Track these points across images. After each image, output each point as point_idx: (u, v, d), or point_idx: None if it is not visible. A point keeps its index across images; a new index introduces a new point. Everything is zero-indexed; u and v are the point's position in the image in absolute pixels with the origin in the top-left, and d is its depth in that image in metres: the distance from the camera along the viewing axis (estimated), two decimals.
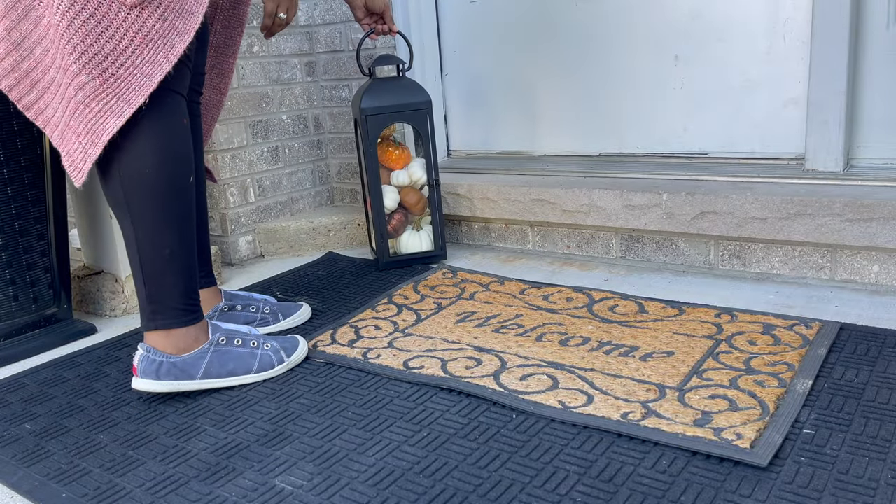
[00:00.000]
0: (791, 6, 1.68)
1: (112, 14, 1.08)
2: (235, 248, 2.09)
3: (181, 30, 1.13)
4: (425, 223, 1.95)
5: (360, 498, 0.95)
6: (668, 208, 1.68)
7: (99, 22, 1.08)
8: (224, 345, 1.29)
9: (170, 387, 1.24)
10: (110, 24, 1.08)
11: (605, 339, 1.34)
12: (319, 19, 2.22)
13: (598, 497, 0.91)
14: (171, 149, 1.19)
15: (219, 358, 1.28)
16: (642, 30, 1.88)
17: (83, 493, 1.02)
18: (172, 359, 1.25)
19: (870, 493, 0.87)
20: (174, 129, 1.21)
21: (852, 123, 1.64)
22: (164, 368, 1.24)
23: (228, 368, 1.29)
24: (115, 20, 1.09)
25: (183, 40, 1.13)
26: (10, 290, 1.53)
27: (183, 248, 1.24)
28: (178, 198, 1.22)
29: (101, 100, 1.11)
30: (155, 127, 1.17)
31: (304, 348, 1.38)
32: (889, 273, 1.48)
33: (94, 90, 1.11)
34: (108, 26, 1.08)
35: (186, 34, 1.13)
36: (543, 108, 2.10)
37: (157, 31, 1.11)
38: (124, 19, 1.09)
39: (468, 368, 1.27)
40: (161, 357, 1.24)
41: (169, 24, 1.12)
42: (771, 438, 0.98)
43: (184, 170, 1.22)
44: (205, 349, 1.27)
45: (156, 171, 1.18)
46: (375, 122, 1.80)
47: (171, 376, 1.24)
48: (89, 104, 1.11)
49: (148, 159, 1.17)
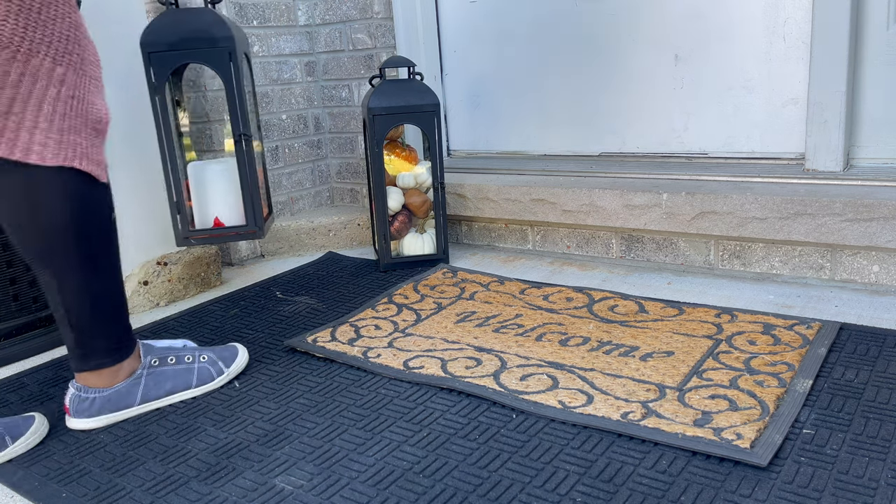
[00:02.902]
0: (791, 6, 1.68)
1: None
2: (235, 247, 2.09)
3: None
4: (429, 226, 1.95)
5: (360, 498, 0.95)
6: (668, 208, 1.68)
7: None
8: (157, 366, 1.24)
9: (108, 420, 1.20)
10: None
11: (605, 339, 1.34)
12: (319, 19, 2.22)
13: (598, 497, 0.91)
14: (100, 197, 1.12)
15: (154, 380, 1.23)
16: (642, 29, 1.88)
17: (83, 493, 1.02)
18: (105, 392, 1.19)
19: (870, 493, 0.87)
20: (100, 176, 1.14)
21: (852, 123, 1.64)
22: (98, 404, 1.18)
23: (166, 388, 1.24)
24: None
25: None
26: (10, 290, 1.53)
27: (115, 294, 1.17)
28: (106, 245, 1.15)
29: (82, 84, 1.07)
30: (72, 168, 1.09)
31: (243, 356, 1.34)
32: (889, 273, 1.48)
33: (74, 78, 1.06)
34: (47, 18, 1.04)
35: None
36: (543, 108, 2.10)
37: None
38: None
39: (468, 368, 1.27)
40: (93, 394, 1.18)
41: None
42: (771, 438, 0.98)
43: (106, 219, 1.15)
44: (138, 374, 1.22)
45: (85, 220, 1.10)
46: (382, 122, 1.80)
47: (106, 410, 1.19)
48: (75, 93, 1.07)
49: (77, 207, 1.08)
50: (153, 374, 1.24)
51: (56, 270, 1.11)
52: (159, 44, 1.50)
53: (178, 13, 1.53)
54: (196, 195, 1.64)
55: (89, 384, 1.19)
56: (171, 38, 1.50)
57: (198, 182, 1.63)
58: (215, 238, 1.63)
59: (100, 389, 1.19)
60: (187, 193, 1.62)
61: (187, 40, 1.50)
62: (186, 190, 1.62)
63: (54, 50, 1.04)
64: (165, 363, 1.25)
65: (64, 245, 1.09)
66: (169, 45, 1.50)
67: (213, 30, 1.51)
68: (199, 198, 1.63)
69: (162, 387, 1.24)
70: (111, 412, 1.20)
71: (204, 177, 1.62)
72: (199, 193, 1.63)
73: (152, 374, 1.23)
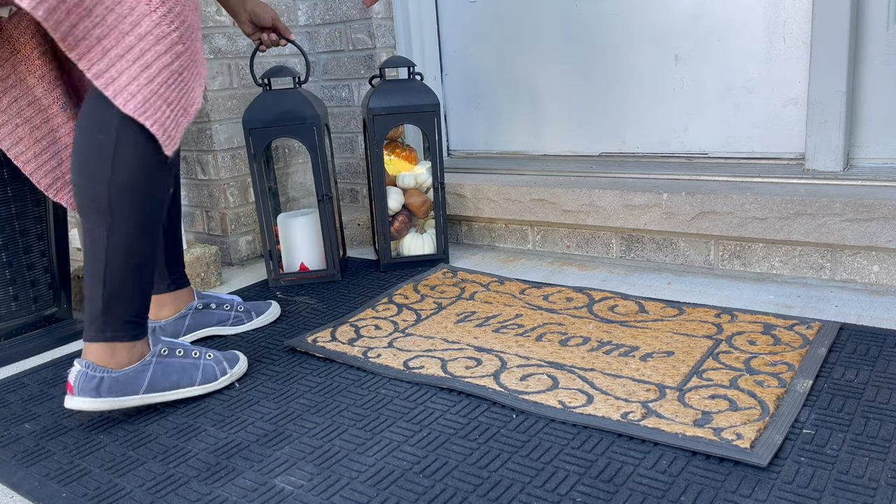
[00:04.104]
0: (791, 6, 1.68)
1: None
2: (236, 247, 2.09)
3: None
4: (429, 226, 1.96)
5: (360, 498, 0.95)
6: (668, 208, 1.68)
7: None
8: (166, 356, 1.24)
9: (111, 404, 1.17)
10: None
11: (605, 339, 1.34)
12: (319, 19, 2.22)
13: (598, 497, 0.91)
14: (162, 153, 1.16)
15: (162, 369, 1.23)
16: (643, 30, 1.89)
17: (83, 493, 1.02)
18: (114, 373, 1.17)
19: (870, 493, 0.87)
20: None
21: (852, 123, 1.64)
22: (106, 384, 1.16)
23: (172, 380, 1.24)
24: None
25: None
26: (10, 289, 1.53)
27: (151, 260, 1.20)
28: (160, 206, 1.19)
29: (190, 69, 1.14)
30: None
31: (244, 363, 1.35)
32: (889, 273, 1.48)
33: (187, 60, 1.13)
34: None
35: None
36: (543, 108, 2.10)
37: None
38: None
39: (468, 368, 1.27)
40: (101, 372, 1.16)
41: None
42: (771, 438, 0.98)
43: (168, 179, 1.20)
44: (147, 361, 1.21)
45: (147, 177, 1.15)
46: (382, 122, 1.80)
47: (112, 392, 1.17)
48: (182, 73, 1.13)
49: (142, 163, 1.14)
50: (162, 363, 1.23)
51: (112, 222, 1.14)
52: (257, 121, 1.74)
53: (272, 94, 1.77)
54: (284, 242, 1.89)
55: (99, 361, 1.17)
56: (266, 117, 1.74)
57: (285, 231, 1.88)
58: (301, 280, 1.86)
59: (109, 369, 1.17)
60: (276, 240, 1.86)
61: (281, 118, 1.74)
62: (276, 236, 1.86)
63: (182, 29, 1.12)
64: (174, 354, 1.25)
65: (129, 200, 1.14)
66: (265, 123, 1.74)
67: (301, 109, 1.75)
68: (286, 244, 1.89)
69: (168, 378, 1.23)
70: (116, 396, 1.17)
71: (290, 227, 1.87)
72: (286, 240, 1.88)
73: (161, 363, 1.23)
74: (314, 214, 1.88)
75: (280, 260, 1.87)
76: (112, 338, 1.17)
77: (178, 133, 1.15)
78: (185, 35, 1.12)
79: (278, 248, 1.86)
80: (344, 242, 1.97)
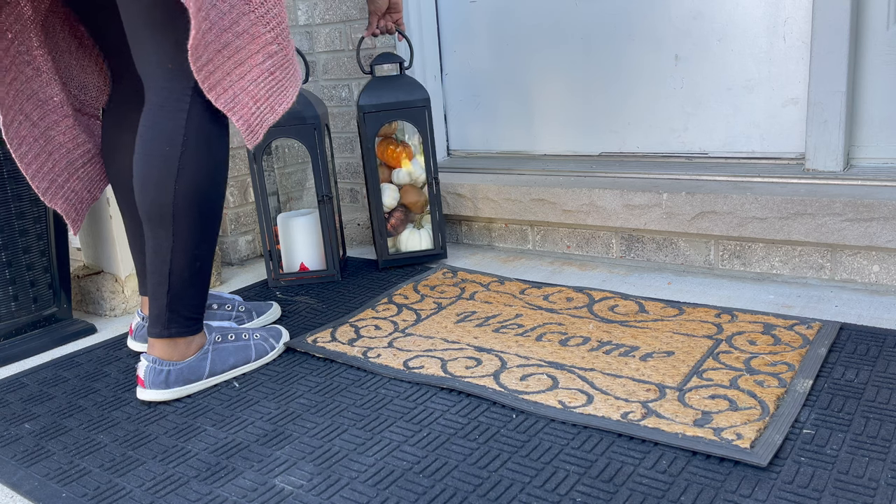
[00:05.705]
0: (791, 6, 1.68)
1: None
2: (235, 247, 2.09)
3: None
4: (426, 222, 1.95)
5: (360, 498, 0.95)
6: (668, 208, 1.68)
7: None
8: (220, 343, 1.34)
9: (179, 392, 1.27)
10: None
11: (605, 339, 1.34)
12: (319, 19, 2.22)
13: (598, 497, 0.91)
14: (226, 163, 1.24)
15: (219, 356, 1.32)
16: (642, 29, 1.88)
17: (83, 493, 1.02)
18: (178, 365, 1.27)
19: (870, 493, 0.87)
20: (227, 144, 1.26)
21: (852, 123, 1.64)
22: (173, 376, 1.26)
23: (230, 363, 1.33)
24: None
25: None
26: (10, 289, 1.53)
27: (209, 262, 1.27)
28: (219, 211, 1.26)
29: (284, 69, 1.19)
30: (223, 138, 1.23)
31: (286, 335, 1.46)
32: (889, 273, 1.48)
33: (281, 60, 1.18)
34: (281, 2, 1.18)
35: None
36: (543, 108, 2.10)
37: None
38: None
39: (468, 368, 1.27)
40: (167, 366, 1.26)
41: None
42: (771, 438, 0.98)
43: (225, 186, 1.27)
44: (205, 350, 1.31)
45: (210, 184, 1.21)
46: (373, 119, 1.80)
47: (179, 382, 1.27)
48: (274, 72, 1.18)
49: (206, 172, 1.20)
50: (218, 349, 1.32)
51: (178, 229, 1.20)
52: None
53: None
54: (283, 242, 1.88)
55: (164, 356, 1.26)
56: None
57: (285, 231, 1.87)
58: (301, 280, 1.86)
59: (173, 362, 1.26)
60: (276, 239, 1.86)
61: (281, 118, 1.74)
62: (275, 236, 1.86)
63: (278, 30, 1.18)
64: (227, 340, 1.35)
65: (192, 209, 1.20)
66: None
67: (301, 109, 1.73)
68: (286, 244, 1.88)
69: (226, 361, 1.33)
70: (183, 384, 1.27)
71: (290, 227, 1.87)
72: (286, 240, 1.88)
73: (217, 350, 1.32)
74: (314, 214, 1.88)
75: (280, 260, 1.87)
76: (175, 334, 1.26)
77: (262, 129, 1.20)
78: (280, 35, 1.17)
79: (278, 248, 1.87)
80: (344, 242, 1.98)
